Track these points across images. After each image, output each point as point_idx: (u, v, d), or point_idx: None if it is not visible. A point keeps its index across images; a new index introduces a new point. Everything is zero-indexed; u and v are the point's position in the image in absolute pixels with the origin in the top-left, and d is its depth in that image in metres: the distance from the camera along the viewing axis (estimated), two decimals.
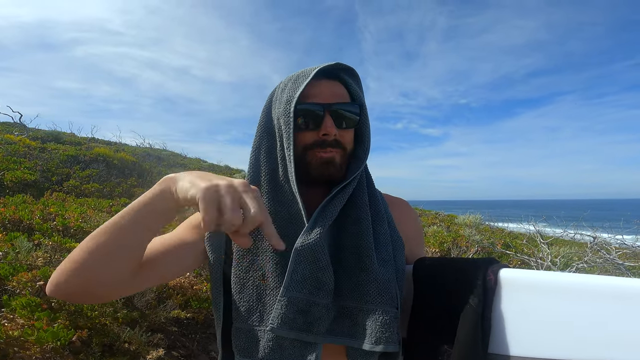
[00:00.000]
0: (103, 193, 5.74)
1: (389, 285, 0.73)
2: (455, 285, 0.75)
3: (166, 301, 2.95)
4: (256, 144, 0.79)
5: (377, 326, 0.71)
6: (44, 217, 3.24)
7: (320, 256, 0.70)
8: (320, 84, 0.75)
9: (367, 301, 0.72)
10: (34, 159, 6.49)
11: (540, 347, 0.69)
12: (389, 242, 0.79)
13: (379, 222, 0.79)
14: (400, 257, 0.80)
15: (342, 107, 0.75)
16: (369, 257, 0.73)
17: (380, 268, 0.74)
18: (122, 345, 2.41)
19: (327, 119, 0.73)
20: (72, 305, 2.26)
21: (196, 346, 3.27)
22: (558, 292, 0.70)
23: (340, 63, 0.76)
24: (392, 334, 0.72)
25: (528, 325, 0.72)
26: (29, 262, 2.48)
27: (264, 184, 0.77)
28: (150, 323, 2.82)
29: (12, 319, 1.89)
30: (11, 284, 2.12)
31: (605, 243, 4.19)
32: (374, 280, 0.72)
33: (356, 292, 0.73)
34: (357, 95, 0.79)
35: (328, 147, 0.74)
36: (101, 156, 7.71)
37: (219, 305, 0.79)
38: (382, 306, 0.72)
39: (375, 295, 0.72)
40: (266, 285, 0.74)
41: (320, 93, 0.74)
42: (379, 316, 0.71)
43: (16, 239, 2.66)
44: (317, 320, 0.72)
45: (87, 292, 0.66)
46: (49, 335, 1.72)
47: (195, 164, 13.58)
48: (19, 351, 1.80)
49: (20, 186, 5.13)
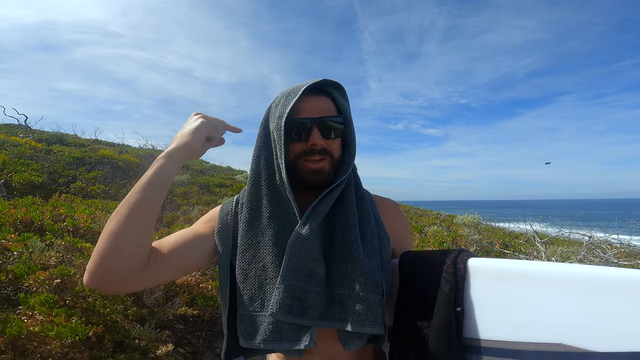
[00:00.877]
0: (109, 194, 5.84)
1: (374, 274, 0.83)
2: (432, 274, 0.84)
3: (173, 299, 3.05)
4: (256, 154, 0.90)
5: (363, 310, 0.80)
6: (54, 218, 3.34)
7: (311, 248, 0.80)
8: (309, 100, 0.86)
9: (354, 288, 0.81)
10: (41, 161, 6.59)
11: (505, 331, 0.77)
12: (375, 237, 0.89)
13: (365, 219, 0.89)
14: (386, 250, 0.90)
15: (328, 120, 0.85)
16: (356, 249, 0.83)
17: (365, 259, 0.83)
18: (132, 341, 2.50)
19: (314, 131, 0.84)
20: (84, 303, 2.36)
21: (202, 343, 3.36)
22: (521, 279, 0.77)
23: (326, 79, 0.86)
24: (377, 317, 0.81)
25: (495, 311, 0.80)
26: (42, 262, 2.58)
27: (263, 188, 0.88)
28: (158, 320, 2.92)
29: (31, 316, 1.99)
30: (27, 282, 2.22)
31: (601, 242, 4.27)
32: (360, 269, 0.82)
33: (345, 280, 0.83)
34: (343, 108, 0.88)
35: (316, 155, 0.85)
36: (106, 158, 7.81)
37: (225, 293, 0.89)
38: (367, 293, 0.81)
39: (361, 283, 0.81)
40: (266, 275, 0.84)
41: (309, 108, 0.85)
42: (365, 302, 0.80)
43: (29, 239, 2.76)
44: (311, 306, 0.81)
45: (113, 277, 0.73)
46: (67, 330, 1.82)
47: (198, 165, 13.68)
48: (39, 346, 1.90)
49: (28, 188, 5.23)
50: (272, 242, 0.84)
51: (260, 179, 0.88)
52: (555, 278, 0.73)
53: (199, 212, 5.27)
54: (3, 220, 3.06)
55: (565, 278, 0.72)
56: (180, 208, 6.19)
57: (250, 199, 0.88)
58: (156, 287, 2.88)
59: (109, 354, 2.33)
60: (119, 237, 0.71)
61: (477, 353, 0.79)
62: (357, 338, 0.82)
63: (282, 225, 0.85)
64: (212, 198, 7.85)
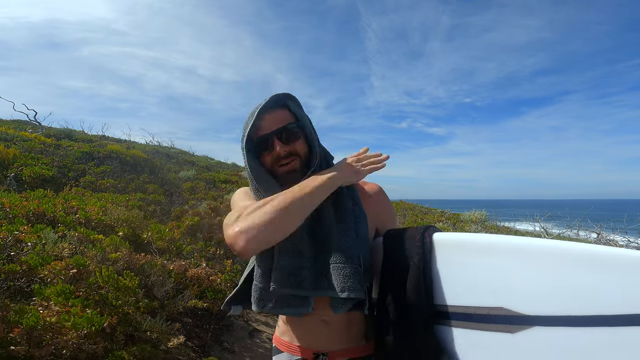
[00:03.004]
0: (117, 188, 5.88)
1: (348, 248, 0.98)
2: (406, 248, 0.98)
3: (184, 291, 3.07)
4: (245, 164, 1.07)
5: (342, 279, 0.95)
6: (66, 210, 3.37)
7: (299, 234, 0.98)
8: (265, 118, 1.02)
9: (333, 262, 0.98)
10: (50, 155, 6.65)
11: (466, 297, 0.89)
12: (351, 215, 1.03)
13: (340, 201, 1.04)
14: (363, 226, 1.04)
15: (284, 129, 1.02)
16: (330, 228, 1.00)
17: (339, 236, 1.00)
18: (143, 334, 2.52)
19: (275, 142, 1.01)
20: (97, 295, 2.39)
21: (210, 337, 3.39)
22: (474, 250, 0.89)
23: (275, 95, 1.02)
24: (355, 284, 0.96)
25: (456, 279, 0.91)
26: (55, 253, 2.61)
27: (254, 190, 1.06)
28: (168, 313, 2.94)
29: (47, 307, 2.01)
30: (43, 272, 2.24)
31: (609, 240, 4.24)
32: (335, 246, 0.98)
33: (326, 255, 0.99)
34: (297, 114, 1.05)
35: (284, 159, 1.02)
36: (114, 153, 7.86)
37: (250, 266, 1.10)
38: (344, 264, 0.96)
39: (338, 257, 0.97)
40: (272, 255, 1.01)
41: (266, 124, 1.02)
42: (342, 272, 0.96)
43: (42, 231, 2.79)
44: (304, 280, 0.98)
45: (268, 239, 0.91)
46: (84, 321, 1.83)
47: (203, 162, 13.73)
48: (54, 337, 1.92)
49: (38, 182, 5.28)
50: None
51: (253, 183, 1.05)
52: (499, 248, 0.85)
53: (207, 206, 5.30)
54: (16, 212, 3.09)
55: (508, 248, 0.84)
56: (189, 202, 6.22)
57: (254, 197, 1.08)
58: (167, 280, 2.91)
59: (121, 346, 2.35)
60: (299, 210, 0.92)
61: (445, 317, 0.91)
62: (342, 303, 0.98)
63: None
64: (219, 193, 7.88)
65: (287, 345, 1.15)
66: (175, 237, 3.76)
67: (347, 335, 1.10)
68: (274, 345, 1.21)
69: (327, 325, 1.08)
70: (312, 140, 1.06)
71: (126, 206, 4.22)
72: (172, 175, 8.60)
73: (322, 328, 1.09)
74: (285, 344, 1.16)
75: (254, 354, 3.41)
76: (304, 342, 1.12)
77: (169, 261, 3.26)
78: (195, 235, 4.37)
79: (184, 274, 3.06)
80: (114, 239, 2.99)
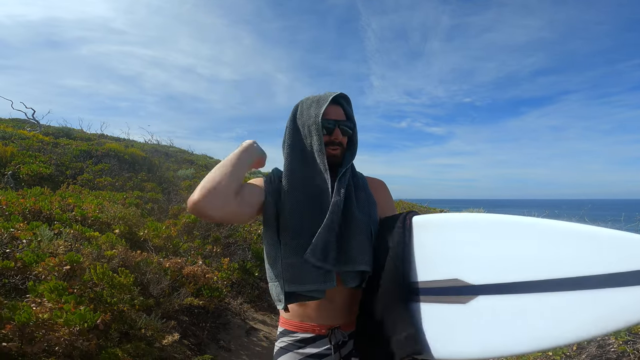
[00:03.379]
0: (115, 186, 5.87)
1: (364, 224, 1.16)
2: (391, 231, 1.12)
3: (179, 289, 3.06)
4: (290, 141, 1.22)
5: (361, 254, 1.11)
6: (62, 207, 3.37)
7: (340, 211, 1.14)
8: (330, 108, 1.22)
9: (354, 239, 1.13)
10: (48, 153, 6.64)
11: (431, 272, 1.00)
12: (365, 201, 1.24)
13: (358, 189, 1.25)
14: (374, 210, 1.25)
15: (344, 124, 1.23)
16: (352, 207, 1.17)
17: (358, 213, 1.17)
18: (138, 332, 2.51)
19: (337, 130, 1.21)
20: (92, 292, 2.38)
21: (206, 335, 3.38)
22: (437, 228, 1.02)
23: (341, 93, 1.23)
24: (365, 257, 1.11)
25: (425, 255, 1.02)
26: (50, 250, 2.60)
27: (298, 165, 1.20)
28: (164, 311, 2.93)
29: (40, 303, 2.00)
30: (37, 269, 2.23)
31: None
32: (356, 226, 1.14)
33: (348, 233, 1.14)
34: (351, 116, 1.26)
35: (335, 145, 1.22)
36: (112, 151, 7.85)
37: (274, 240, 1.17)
38: (362, 242, 1.13)
39: (356, 230, 1.14)
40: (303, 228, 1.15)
41: (331, 114, 1.22)
42: (361, 248, 1.12)
43: (38, 228, 2.78)
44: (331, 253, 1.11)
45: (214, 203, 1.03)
46: (76, 317, 1.83)
47: (202, 160, 13.72)
48: (47, 333, 1.91)
49: (35, 179, 5.27)
50: (310, 202, 1.16)
51: (295, 159, 1.20)
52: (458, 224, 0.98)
53: None
54: (12, 209, 3.08)
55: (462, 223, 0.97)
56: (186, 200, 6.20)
57: (288, 173, 1.20)
58: (163, 277, 2.90)
59: (115, 343, 2.34)
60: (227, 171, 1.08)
61: (416, 294, 1.03)
62: (353, 278, 1.13)
63: (314, 189, 1.18)
64: None
65: (298, 325, 1.25)
66: (172, 235, 3.75)
67: (352, 310, 1.22)
68: (283, 329, 1.28)
69: (337, 300, 1.21)
70: (355, 140, 1.28)
71: (123, 204, 4.22)
72: (171, 173, 8.59)
73: (334, 303, 1.21)
74: (296, 324, 1.25)
75: (250, 352, 3.40)
76: (317, 319, 1.22)
77: (165, 259, 3.25)
78: (192, 233, 4.36)
79: (179, 271, 3.05)
80: (110, 237, 2.98)
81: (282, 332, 1.28)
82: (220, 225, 4.77)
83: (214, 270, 3.36)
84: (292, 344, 1.24)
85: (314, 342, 1.21)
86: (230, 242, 4.78)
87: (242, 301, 4.14)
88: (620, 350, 2.36)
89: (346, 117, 1.25)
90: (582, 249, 0.76)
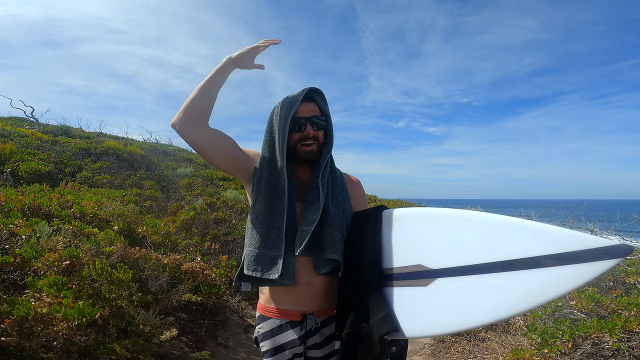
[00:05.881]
0: (114, 184, 5.88)
1: (338, 219, 1.26)
2: (364, 224, 1.24)
3: (178, 285, 3.07)
4: (265, 140, 1.31)
5: (330, 243, 1.21)
6: (61, 204, 3.37)
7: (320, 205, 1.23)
8: (302, 105, 1.28)
9: (328, 230, 1.22)
10: (47, 151, 6.64)
11: (400, 259, 1.13)
12: (341, 196, 1.34)
13: (334, 184, 1.33)
14: (348, 205, 1.35)
15: (316, 118, 1.29)
16: (328, 202, 1.27)
17: (333, 209, 1.27)
18: (136, 327, 2.52)
19: (308, 126, 1.27)
20: (90, 288, 2.39)
21: (204, 332, 3.39)
22: (404, 220, 1.16)
23: (312, 87, 1.29)
24: (338, 248, 1.22)
25: (395, 244, 1.16)
26: (49, 246, 2.61)
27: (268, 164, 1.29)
28: (162, 307, 2.94)
29: (39, 298, 2.01)
30: (36, 264, 2.24)
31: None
32: (331, 219, 1.24)
33: (323, 225, 1.23)
34: (324, 110, 1.31)
35: (309, 140, 1.27)
36: (111, 149, 7.85)
37: None
38: (333, 231, 1.22)
39: (329, 224, 1.22)
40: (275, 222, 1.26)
41: (302, 111, 1.27)
42: (332, 237, 1.21)
43: (37, 224, 2.78)
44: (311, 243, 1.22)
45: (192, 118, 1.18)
46: (75, 312, 1.84)
47: (201, 159, 13.71)
48: (45, 328, 1.91)
49: (34, 177, 5.27)
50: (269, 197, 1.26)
51: (265, 156, 1.30)
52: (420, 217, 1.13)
53: (203, 202, 5.30)
54: (11, 206, 3.09)
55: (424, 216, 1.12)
56: (185, 198, 6.22)
57: (258, 168, 1.30)
58: (161, 274, 2.91)
59: (113, 339, 2.35)
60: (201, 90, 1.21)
61: (389, 279, 1.15)
62: (324, 265, 1.23)
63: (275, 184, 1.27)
64: (215, 190, 7.88)
65: (274, 311, 1.32)
66: (170, 232, 3.77)
67: (327, 296, 1.32)
68: (259, 314, 1.35)
69: (311, 287, 1.29)
70: (329, 132, 1.33)
71: (122, 201, 4.22)
72: (170, 172, 8.60)
73: (307, 289, 1.28)
74: (272, 310, 1.32)
75: (248, 349, 3.42)
76: (291, 305, 1.29)
77: (163, 255, 3.26)
78: (190, 229, 4.37)
79: (178, 267, 3.07)
80: (108, 233, 2.99)
81: (258, 318, 1.36)
82: (219, 223, 4.77)
83: (212, 267, 3.38)
84: (270, 331, 1.31)
85: (288, 329, 1.29)
86: (228, 239, 4.80)
87: (240, 299, 4.15)
88: (614, 348, 2.38)
89: (320, 112, 1.30)
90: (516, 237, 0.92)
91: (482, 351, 3.25)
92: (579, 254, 0.81)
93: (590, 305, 2.83)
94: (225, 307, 3.83)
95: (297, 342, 1.28)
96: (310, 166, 1.33)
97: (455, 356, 3.32)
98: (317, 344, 1.30)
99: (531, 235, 0.89)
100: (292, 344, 1.28)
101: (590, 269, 0.80)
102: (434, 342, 3.67)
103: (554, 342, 2.41)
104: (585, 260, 0.81)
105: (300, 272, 1.25)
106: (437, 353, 3.47)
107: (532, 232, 0.89)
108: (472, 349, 3.35)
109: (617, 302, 2.79)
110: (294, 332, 1.28)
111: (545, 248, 0.86)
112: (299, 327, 1.28)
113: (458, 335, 3.62)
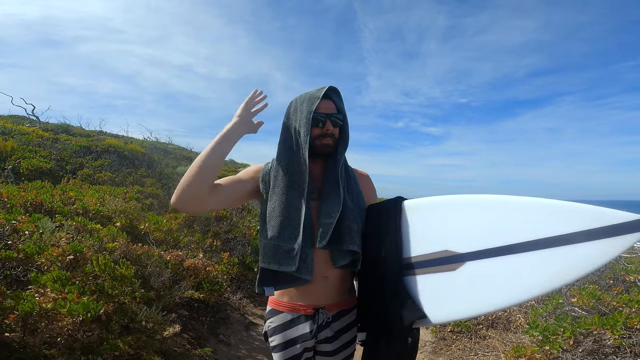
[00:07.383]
0: (115, 182, 5.89)
1: (354, 211, 1.30)
2: (383, 216, 1.28)
3: (180, 282, 3.08)
4: (282, 137, 1.35)
5: (349, 235, 1.24)
6: (64, 201, 3.38)
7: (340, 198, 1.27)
8: (322, 102, 1.30)
9: (346, 223, 1.25)
10: (48, 148, 6.64)
11: (423, 247, 1.15)
12: (354, 190, 1.38)
13: (348, 179, 1.38)
14: (362, 199, 1.38)
15: (334, 116, 1.32)
16: (345, 195, 1.30)
17: (350, 202, 1.30)
18: (139, 324, 2.53)
19: (328, 122, 1.31)
20: (93, 285, 2.39)
21: (206, 329, 3.40)
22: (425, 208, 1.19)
23: (330, 86, 1.33)
24: (356, 240, 1.26)
25: (417, 234, 1.18)
26: (52, 242, 2.61)
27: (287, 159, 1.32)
28: (164, 303, 2.94)
29: (43, 293, 2.01)
30: (40, 260, 2.25)
31: None
32: (348, 213, 1.27)
33: (342, 218, 1.25)
34: (341, 108, 1.35)
35: (327, 137, 1.30)
36: (112, 147, 7.85)
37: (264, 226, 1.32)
38: (351, 223, 1.26)
39: (347, 216, 1.26)
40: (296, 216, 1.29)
41: (322, 108, 1.30)
42: (350, 229, 1.24)
43: (40, 221, 2.79)
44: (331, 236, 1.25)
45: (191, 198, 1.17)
46: (80, 307, 1.84)
47: None
48: (50, 324, 1.91)
49: (36, 174, 5.27)
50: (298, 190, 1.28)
51: (283, 150, 1.33)
52: (440, 205, 1.15)
53: None
54: (13, 202, 3.09)
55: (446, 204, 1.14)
56: None
57: (276, 162, 1.34)
58: (163, 270, 2.92)
59: (116, 335, 2.35)
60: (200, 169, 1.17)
61: (411, 268, 1.16)
62: (342, 257, 1.26)
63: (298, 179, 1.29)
64: None
65: (286, 305, 1.33)
66: (172, 229, 3.77)
67: (340, 290, 1.35)
68: (270, 308, 1.37)
69: (326, 281, 1.31)
70: (346, 130, 1.38)
71: (124, 198, 4.23)
72: (170, 170, 8.60)
73: (322, 284, 1.31)
74: (284, 304, 1.34)
75: (249, 346, 3.42)
76: (304, 299, 1.32)
77: (165, 252, 3.27)
78: (192, 226, 4.38)
79: (180, 264, 3.07)
80: (111, 229, 3.00)
81: (270, 312, 1.37)
82: (220, 220, 4.78)
83: (214, 264, 3.38)
84: (282, 325, 1.32)
85: (300, 322, 1.30)
86: (230, 237, 4.80)
87: (242, 296, 4.16)
88: (616, 345, 2.39)
89: (337, 110, 1.34)
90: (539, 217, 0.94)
91: (483, 349, 3.26)
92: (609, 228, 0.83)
93: (591, 303, 2.84)
94: (226, 305, 3.84)
95: (309, 335, 1.29)
96: (322, 162, 1.37)
97: (457, 353, 3.33)
98: (328, 338, 1.32)
99: (553, 213, 0.91)
100: (304, 337, 1.29)
101: (617, 243, 0.82)
102: (435, 340, 3.68)
103: (555, 339, 2.42)
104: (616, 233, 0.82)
105: (317, 266, 1.27)
106: (438, 350, 3.48)
107: (553, 210, 0.92)
108: (473, 346, 3.36)
109: (618, 300, 2.80)
110: (306, 326, 1.29)
111: (572, 225, 0.87)
112: (311, 321, 1.30)
113: (459, 333, 3.63)
